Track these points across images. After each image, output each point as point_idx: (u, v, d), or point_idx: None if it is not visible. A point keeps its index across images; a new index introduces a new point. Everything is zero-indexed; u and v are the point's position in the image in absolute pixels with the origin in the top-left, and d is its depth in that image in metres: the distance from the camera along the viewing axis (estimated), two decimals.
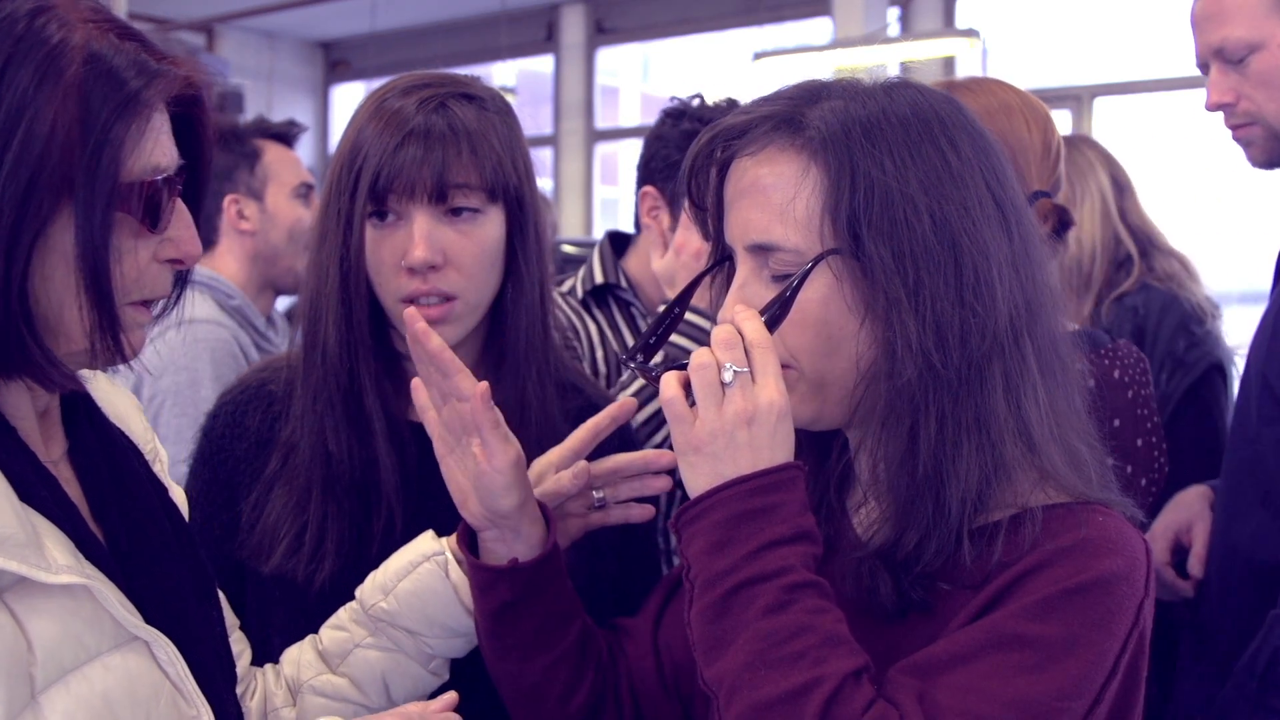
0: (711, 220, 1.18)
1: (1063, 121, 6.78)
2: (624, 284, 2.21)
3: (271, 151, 2.63)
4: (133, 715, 0.94)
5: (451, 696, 1.11)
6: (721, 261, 1.19)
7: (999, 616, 1.00)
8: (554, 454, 1.33)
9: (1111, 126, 6.77)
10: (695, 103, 2.14)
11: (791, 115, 1.09)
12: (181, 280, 1.05)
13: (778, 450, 1.03)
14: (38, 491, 0.94)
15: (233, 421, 1.48)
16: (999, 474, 1.05)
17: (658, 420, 1.83)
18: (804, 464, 1.05)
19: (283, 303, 3.18)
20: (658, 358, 1.19)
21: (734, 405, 1.03)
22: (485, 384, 1.22)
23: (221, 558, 1.42)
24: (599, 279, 2.22)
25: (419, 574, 1.28)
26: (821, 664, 0.96)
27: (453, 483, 1.27)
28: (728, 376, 1.03)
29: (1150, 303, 2.59)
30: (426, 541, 1.30)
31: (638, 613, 1.37)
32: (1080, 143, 2.81)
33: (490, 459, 1.23)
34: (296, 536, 1.38)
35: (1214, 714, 1.62)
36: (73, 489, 1.01)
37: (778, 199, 1.08)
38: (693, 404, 1.05)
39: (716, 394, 1.04)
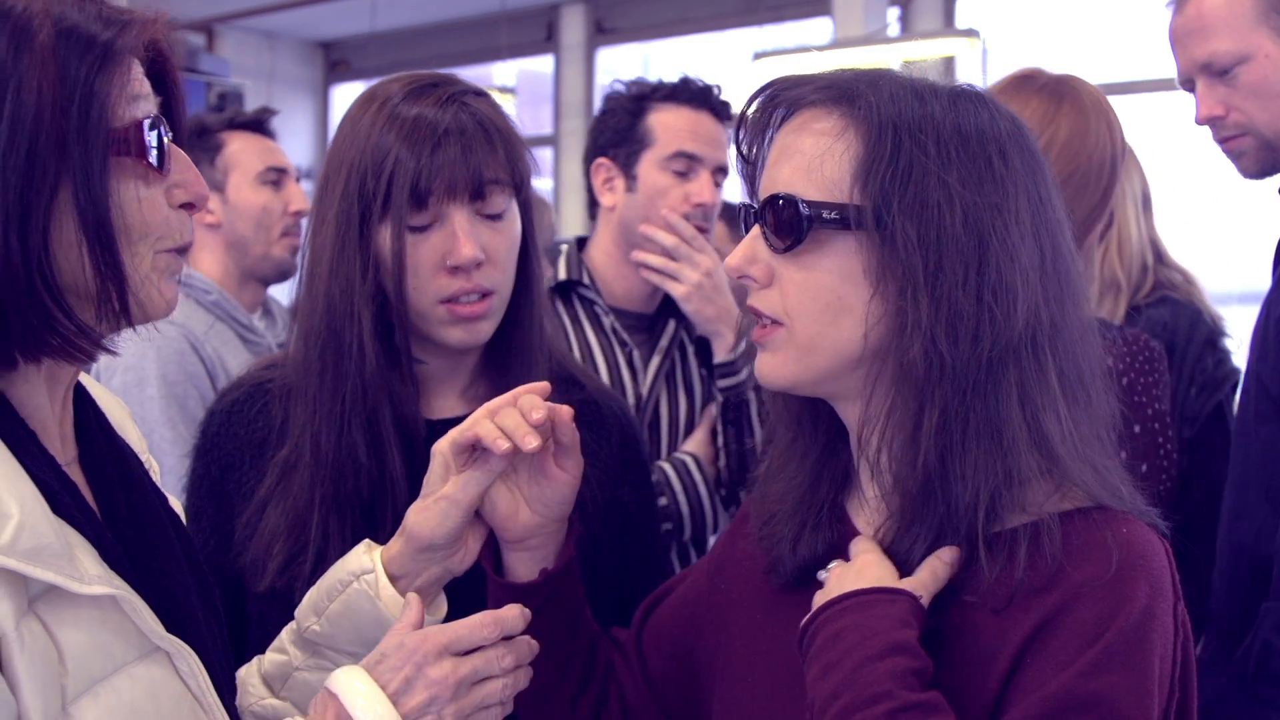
0: (747, 179, 1.18)
1: None
2: (586, 280, 2.22)
3: (236, 142, 2.59)
4: None
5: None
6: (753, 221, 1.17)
7: (1066, 678, 0.98)
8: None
9: None
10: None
11: (850, 88, 1.09)
12: None
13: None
14: (63, 499, 0.93)
15: (228, 420, 1.48)
16: (1012, 482, 1.04)
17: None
18: (910, 592, 1.05)
19: (285, 297, 3.14)
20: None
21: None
22: (569, 408, 1.23)
23: (216, 557, 1.42)
24: (561, 275, 2.24)
25: (348, 595, 1.23)
26: None
27: (499, 504, 1.24)
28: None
29: (1178, 317, 2.54)
30: (357, 557, 1.25)
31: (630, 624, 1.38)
32: None
33: (567, 471, 1.24)
34: (292, 556, 1.37)
35: (1218, 705, 1.63)
36: (86, 496, 1.00)
37: (809, 156, 1.08)
38: None
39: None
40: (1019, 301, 1.04)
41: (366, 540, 1.27)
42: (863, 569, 1.06)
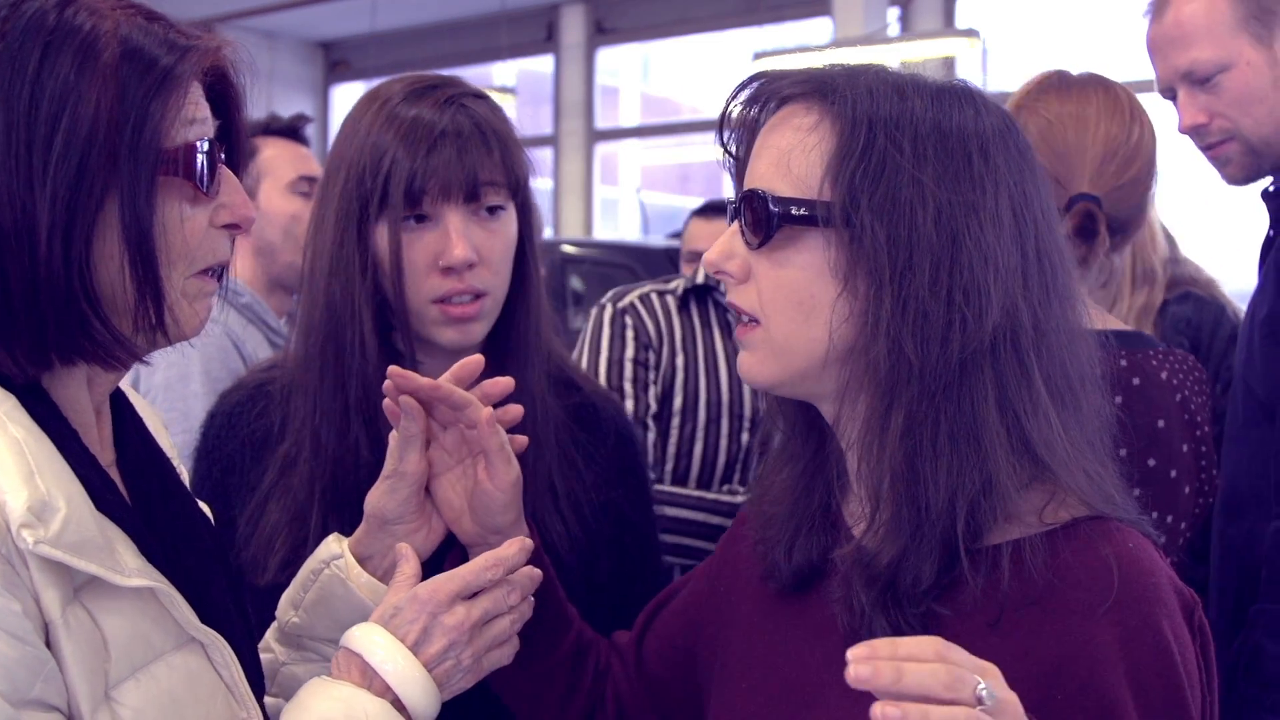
0: (734, 175, 1.17)
1: None
2: (722, 286, 2.23)
3: (270, 148, 2.59)
4: (194, 714, 0.97)
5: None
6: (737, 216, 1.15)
7: None
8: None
9: None
10: None
11: (827, 83, 1.07)
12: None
13: None
14: (104, 495, 0.96)
15: (228, 422, 1.49)
16: (992, 488, 1.01)
17: None
18: None
19: None
20: None
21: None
22: (490, 409, 1.23)
23: None
24: (699, 279, 2.26)
25: (321, 582, 1.25)
26: None
27: (444, 502, 1.27)
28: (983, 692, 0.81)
29: (1202, 314, 2.51)
30: (327, 546, 1.27)
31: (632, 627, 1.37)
32: None
33: (493, 479, 1.24)
34: (294, 550, 1.38)
35: None
36: (124, 495, 1.03)
37: (782, 151, 1.06)
38: None
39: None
40: (992, 303, 1.01)
41: (334, 533, 1.29)
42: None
